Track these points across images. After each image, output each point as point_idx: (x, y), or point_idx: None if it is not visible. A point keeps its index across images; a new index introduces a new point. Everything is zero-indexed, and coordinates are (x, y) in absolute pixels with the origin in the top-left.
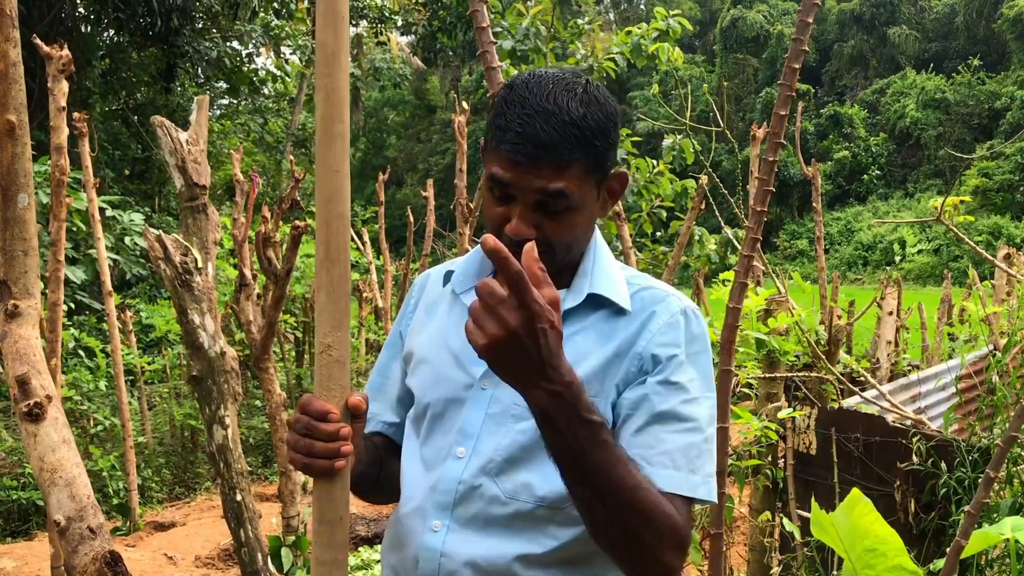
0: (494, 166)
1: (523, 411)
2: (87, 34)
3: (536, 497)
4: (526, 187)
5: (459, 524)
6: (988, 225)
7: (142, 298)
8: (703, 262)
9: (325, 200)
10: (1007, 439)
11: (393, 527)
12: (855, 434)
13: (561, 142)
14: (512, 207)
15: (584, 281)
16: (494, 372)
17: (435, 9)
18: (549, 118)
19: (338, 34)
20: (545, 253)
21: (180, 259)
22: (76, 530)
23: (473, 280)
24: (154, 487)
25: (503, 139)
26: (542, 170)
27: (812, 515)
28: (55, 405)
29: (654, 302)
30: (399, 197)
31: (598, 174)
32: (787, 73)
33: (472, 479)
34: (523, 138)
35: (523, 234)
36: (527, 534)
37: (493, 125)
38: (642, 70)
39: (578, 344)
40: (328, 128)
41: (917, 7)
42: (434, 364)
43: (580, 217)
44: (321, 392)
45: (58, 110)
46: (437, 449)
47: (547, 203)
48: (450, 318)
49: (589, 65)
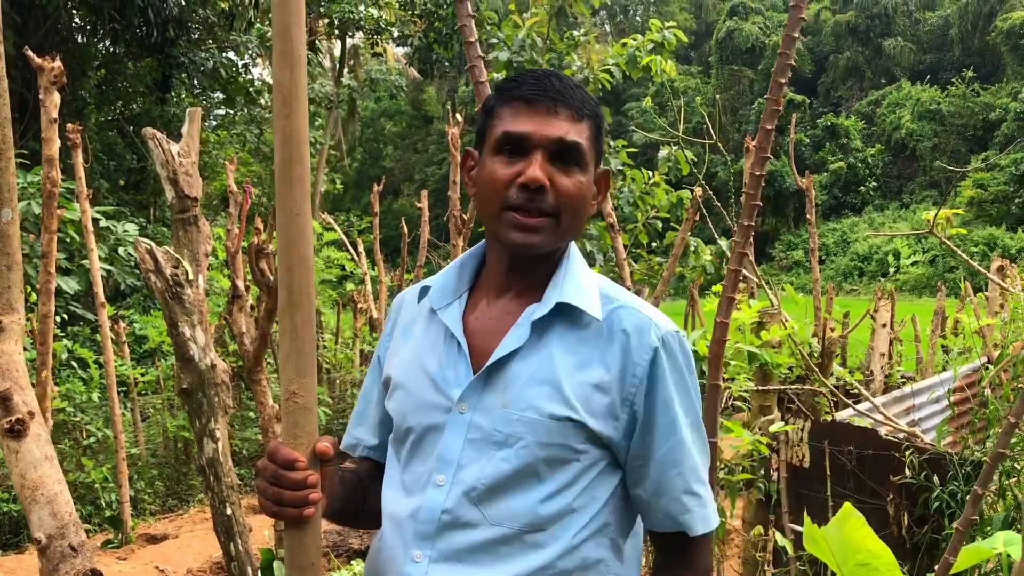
0: (507, 123)
1: (505, 437)
2: (83, 44)
3: (520, 523)
4: (545, 135)
5: (441, 554)
6: (983, 236)
7: (136, 309)
8: (698, 273)
9: (286, 245)
10: (994, 455)
11: (373, 555)
12: (848, 447)
13: (575, 95)
14: (526, 160)
15: (553, 291)
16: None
17: (431, 21)
18: (560, 78)
19: (295, 75)
20: (552, 216)
21: (171, 271)
22: (57, 548)
23: (452, 295)
24: (147, 499)
25: (519, 91)
26: (560, 118)
27: (804, 529)
28: (37, 421)
29: (635, 327)
30: (395, 207)
31: (598, 149)
32: (774, 87)
33: (455, 508)
34: (541, 88)
35: (540, 180)
36: (511, 557)
37: (501, 89)
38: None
39: (556, 364)
40: (287, 171)
41: (912, 19)
42: (411, 388)
43: (586, 181)
44: (288, 439)
45: (50, 122)
46: (416, 476)
47: (563, 154)
48: (426, 338)
49: (585, 77)
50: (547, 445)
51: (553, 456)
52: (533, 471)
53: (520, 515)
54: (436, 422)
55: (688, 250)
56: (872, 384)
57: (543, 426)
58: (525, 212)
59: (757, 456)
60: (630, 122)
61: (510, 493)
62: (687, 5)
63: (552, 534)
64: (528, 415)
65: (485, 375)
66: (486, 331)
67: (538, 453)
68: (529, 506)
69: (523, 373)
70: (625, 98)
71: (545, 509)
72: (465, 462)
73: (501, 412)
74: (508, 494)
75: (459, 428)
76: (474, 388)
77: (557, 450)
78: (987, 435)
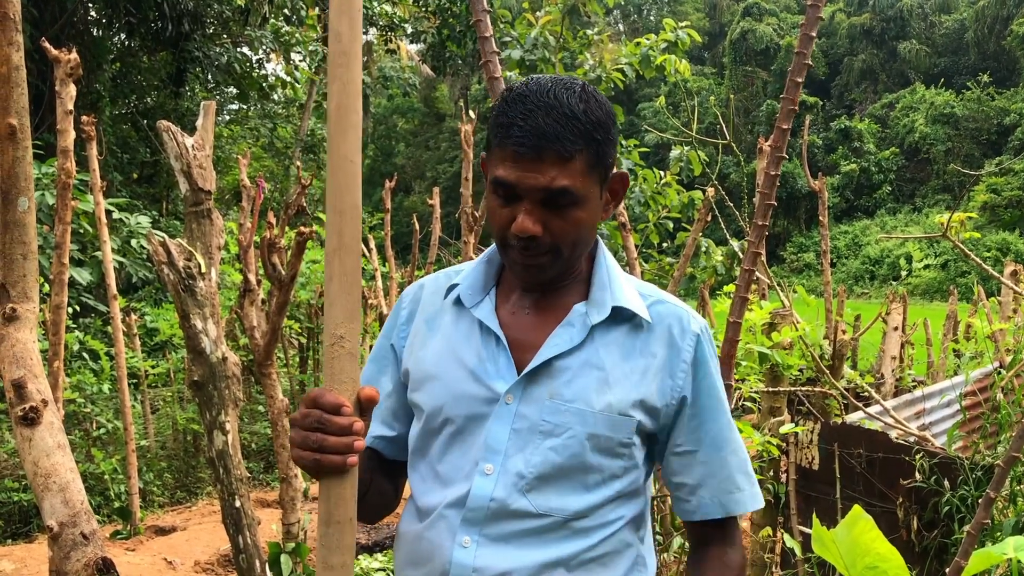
0: (498, 168)
1: (552, 427)
2: (98, 38)
3: (569, 511)
4: (531, 185)
5: (489, 539)
6: (996, 241)
7: (147, 301)
8: (709, 274)
9: (338, 189)
10: (1007, 459)
11: (412, 543)
12: (858, 450)
13: (564, 133)
14: (517, 206)
15: (604, 293)
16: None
17: (445, 18)
18: (551, 111)
19: (353, 26)
20: (552, 253)
21: (183, 264)
22: (69, 536)
23: (482, 292)
24: (156, 491)
25: (507, 136)
26: (546, 164)
27: (813, 531)
28: (51, 410)
29: (675, 318)
30: (407, 204)
31: (600, 170)
32: (790, 87)
33: (504, 496)
34: (526, 132)
35: (529, 231)
36: (558, 542)
37: (495, 125)
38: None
39: (603, 360)
40: (342, 119)
41: (927, 22)
42: (447, 380)
43: (585, 214)
44: (332, 385)
45: (65, 113)
46: (456, 465)
47: (552, 200)
48: (457, 331)
49: (597, 76)
50: (594, 436)
51: (601, 447)
52: (581, 461)
53: (567, 505)
54: (479, 412)
55: (699, 251)
56: (883, 387)
57: (592, 417)
58: (523, 254)
59: (767, 457)
60: (643, 122)
61: (558, 483)
62: (701, 5)
63: (595, 521)
64: (576, 406)
65: (532, 369)
66: (523, 325)
67: (586, 443)
68: (576, 496)
69: (570, 366)
70: (638, 98)
71: (591, 499)
72: (512, 451)
73: (549, 403)
74: (556, 484)
75: (505, 418)
76: (520, 381)
77: (605, 441)
78: (999, 440)
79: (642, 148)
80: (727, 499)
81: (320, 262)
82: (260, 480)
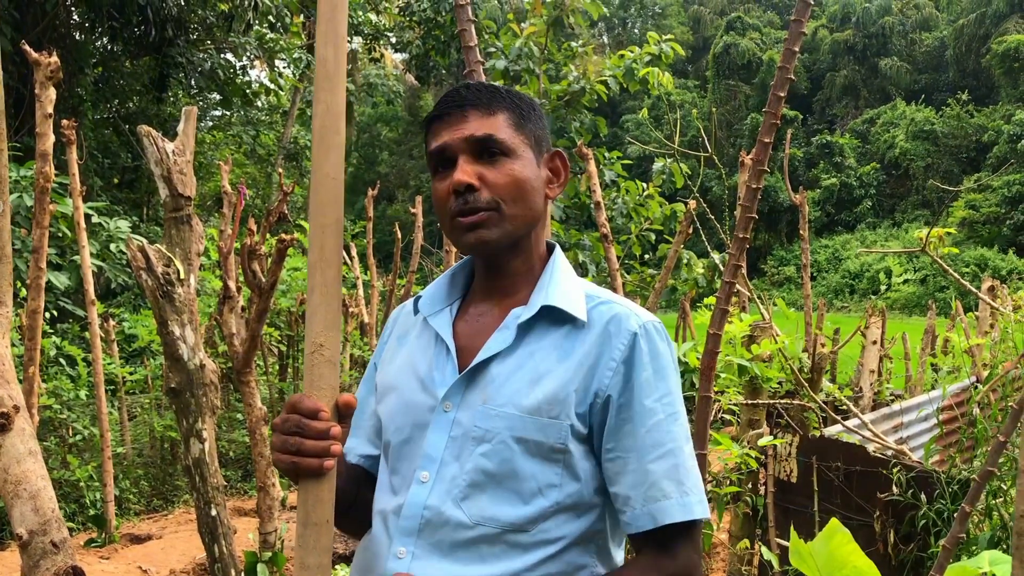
0: (430, 143)
1: (484, 433)
2: (80, 41)
3: (501, 522)
4: (457, 139)
5: (424, 550)
6: (975, 256)
7: (126, 307)
8: (690, 286)
9: (321, 204)
10: (983, 473)
11: (361, 552)
12: (836, 463)
13: (483, 95)
14: (453, 171)
15: (540, 295)
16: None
17: (429, 28)
18: (470, 88)
19: (338, 52)
20: (493, 209)
21: (162, 270)
22: (39, 544)
23: (443, 303)
24: (131, 499)
25: (433, 115)
26: (470, 120)
27: (791, 544)
28: (22, 416)
29: (615, 318)
30: (389, 213)
31: (529, 134)
32: (772, 101)
33: (438, 504)
34: (447, 102)
35: (464, 180)
36: (493, 558)
37: (426, 122)
38: (634, 94)
39: (537, 363)
40: (326, 139)
41: (908, 40)
42: (402, 390)
43: (518, 166)
44: (311, 391)
45: (44, 117)
46: (403, 475)
47: (482, 149)
48: (418, 343)
49: (581, 87)
50: (523, 440)
51: (531, 452)
52: (511, 468)
53: (501, 514)
54: (423, 420)
55: (680, 263)
56: (861, 401)
57: (519, 420)
58: (463, 214)
59: (746, 469)
60: (625, 134)
61: (491, 491)
62: (685, 19)
63: (534, 536)
64: (506, 410)
65: (469, 374)
66: (472, 333)
67: (515, 447)
68: (510, 506)
69: (504, 370)
70: (621, 110)
71: (527, 511)
72: (448, 459)
73: (481, 408)
74: (489, 491)
75: (443, 425)
76: (458, 387)
77: (535, 446)
78: (975, 454)
79: (625, 160)
80: (654, 508)
81: (301, 270)
82: (238, 488)
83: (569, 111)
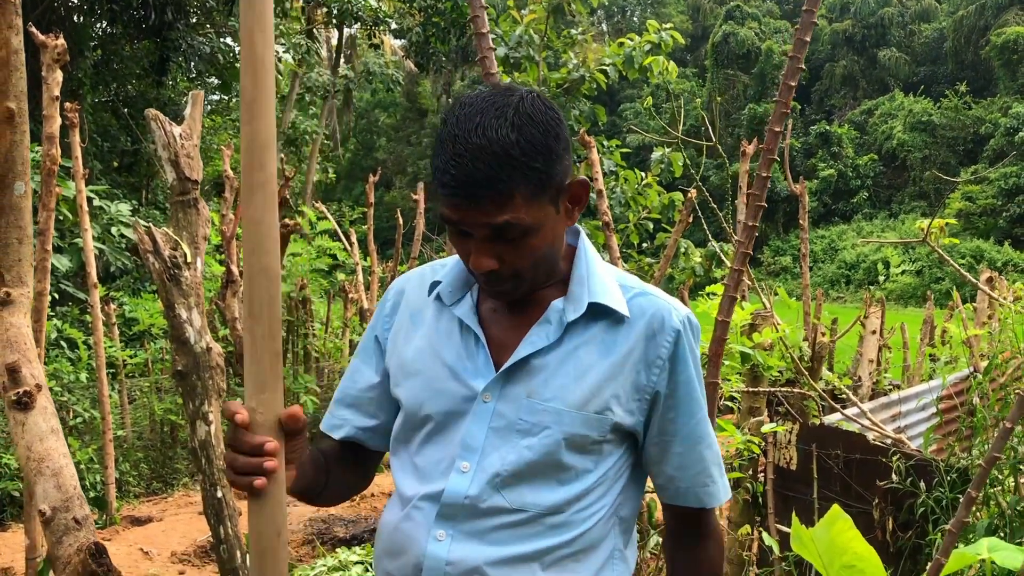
0: (443, 206)
1: (530, 426)
2: (80, 25)
3: (543, 507)
4: (474, 223)
5: (463, 534)
6: (971, 248)
7: (126, 291)
8: (688, 275)
9: (249, 251)
10: (988, 459)
11: (390, 535)
12: (835, 451)
13: (496, 177)
14: (471, 240)
15: (582, 289)
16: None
17: (429, 15)
18: (479, 154)
19: (259, 81)
20: (514, 279)
21: (169, 253)
22: (61, 520)
23: (462, 289)
24: (132, 481)
25: (442, 182)
26: (484, 207)
27: (792, 530)
28: (44, 394)
29: (657, 313)
30: (387, 199)
31: (548, 192)
32: (783, 91)
33: (479, 493)
34: (459, 181)
35: (485, 267)
36: (532, 538)
37: (432, 161)
38: (633, 82)
39: (581, 358)
40: (249, 178)
41: (907, 31)
42: (428, 376)
43: (539, 239)
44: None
45: (51, 99)
46: (434, 460)
47: (500, 234)
48: (439, 328)
49: (581, 75)
50: (571, 435)
51: (576, 445)
52: (555, 460)
53: (541, 500)
54: (457, 409)
55: (679, 252)
56: (860, 390)
57: (568, 416)
58: (488, 285)
59: (747, 456)
60: (625, 123)
61: (531, 479)
62: (684, 8)
63: (569, 516)
64: (553, 405)
65: (509, 367)
66: (502, 323)
67: (562, 442)
68: (549, 491)
69: (548, 364)
70: (620, 98)
71: (565, 494)
72: (489, 450)
73: (527, 402)
74: (529, 480)
75: (483, 416)
76: (497, 379)
77: (580, 439)
78: (973, 443)
79: (624, 149)
80: (701, 491)
81: (302, 255)
82: None
83: (568, 99)
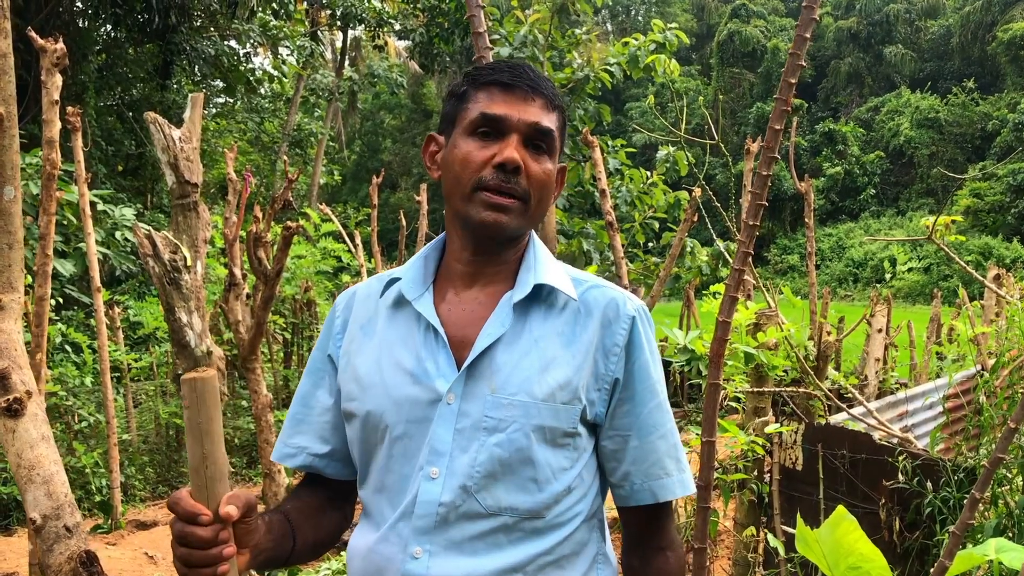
0: (485, 106)
1: (496, 422)
2: (84, 28)
3: (520, 511)
4: (521, 119)
5: (441, 547)
6: (978, 245)
7: (131, 294)
8: (694, 274)
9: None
10: (993, 460)
11: (365, 558)
12: (841, 451)
13: (548, 86)
14: (502, 143)
15: (528, 275)
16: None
17: (433, 16)
18: (534, 69)
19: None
20: (522, 199)
21: (169, 257)
22: (52, 528)
23: (422, 286)
24: (137, 485)
25: (496, 75)
26: (536, 105)
27: (797, 531)
28: (35, 401)
29: (611, 302)
30: (392, 201)
31: (562, 142)
32: (783, 88)
33: (452, 499)
34: (517, 75)
35: (517, 161)
36: (511, 546)
37: (474, 74)
38: (638, 81)
39: (544, 350)
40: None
41: (913, 27)
42: (387, 385)
43: (552, 171)
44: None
45: (51, 103)
46: (402, 474)
47: (536, 141)
48: (394, 332)
49: (585, 75)
50: (540, 428)
51: (546, 439)
52: (527, 455)
53: (518, 503)
54: (422, 415)
55: (684, 251)
56: (866, 389)
57: (535, 408)
58: (498, 192)
59: (751, 457)
60: (630, 122)
61: (505, 479)
62: (689, 6)
63: (549, 521)
64: (519, 398)
65: (470, 364)
66: (462, 321)
67: (532, 436)
68: (526, 494)
69: (510, 358)
70: (625, 98)
71: (541, 496)
72: (458, 452)
73: (491, 398)
74: (504, 480)
75: (448, 418)
76: (460, 378)
77: (550, 432)
78: (980, 443)
79: (629, 148)
80: (656, 484)
81: (306, 257)
82: (243, 475)
83: (573, 99)
